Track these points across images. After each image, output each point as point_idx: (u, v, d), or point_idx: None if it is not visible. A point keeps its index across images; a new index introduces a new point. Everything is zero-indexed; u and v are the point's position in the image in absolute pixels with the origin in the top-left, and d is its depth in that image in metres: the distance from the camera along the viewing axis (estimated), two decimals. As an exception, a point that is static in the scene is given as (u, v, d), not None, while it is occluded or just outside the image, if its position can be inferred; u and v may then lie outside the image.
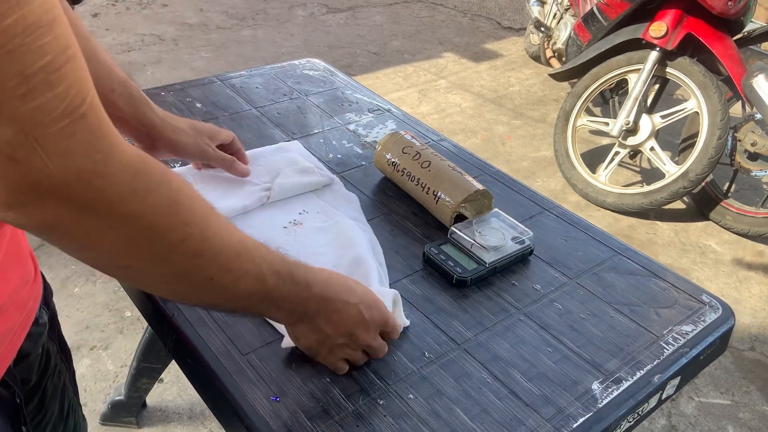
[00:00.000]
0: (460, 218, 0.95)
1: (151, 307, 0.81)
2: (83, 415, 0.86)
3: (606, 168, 2.63)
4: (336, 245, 0.88)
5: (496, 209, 0.97)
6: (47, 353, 0.73)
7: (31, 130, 0.35)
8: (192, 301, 0.58)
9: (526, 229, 0.93)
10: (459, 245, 0.90)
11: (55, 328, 0.77)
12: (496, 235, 0.91)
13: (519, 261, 0.91)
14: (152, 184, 0.43)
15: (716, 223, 2.56)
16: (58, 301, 1.93)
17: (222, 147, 0.97)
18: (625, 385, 0.73)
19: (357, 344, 0.69)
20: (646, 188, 2.51)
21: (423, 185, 0.97)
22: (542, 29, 3.40)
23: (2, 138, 0.35)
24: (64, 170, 0.37)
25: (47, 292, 0.73)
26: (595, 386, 0.72)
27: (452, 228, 0.92)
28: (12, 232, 0.61)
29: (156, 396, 1.66)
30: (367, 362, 0.72)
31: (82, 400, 1.63)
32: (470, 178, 0.97)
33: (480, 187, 0.95)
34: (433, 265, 0.88)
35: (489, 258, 0.87)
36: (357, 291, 0.68)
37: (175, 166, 1.03)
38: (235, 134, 0.99)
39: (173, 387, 1.70)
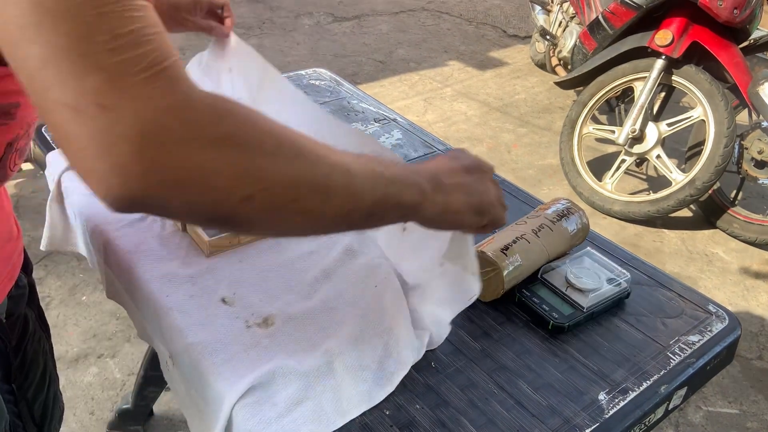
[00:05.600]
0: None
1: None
2: (60, 392, 0.93)
3: (612, 176, 2.63)
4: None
5: (588, 248, 0.92)
6: (25, 318, 0.81)
7: (117, 79, 0.38)
8: (328, 213, 0.50)
9: (622, 270, 0.88)
10: (552, 287, 0.85)
11: (34, 297, 0.85)
12: (591, 277, 0.85)
13: (615, 306, 0.86)
14: (229, 105, 0.44)
15: (723, 231, 2.55)
16: (65, 309, 1.95)
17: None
18: (632, 395, 0.73)
19: (483, 173, 0.65)
20: (653, 196, 2.51)
21: None
22: (548, 37, 3.41)
23: (91, 85, 0.38)
24: (153, 110, 0.39)
25: (28, 262, 0.82)
26: (602, 397, 0.72)
27: (543, 268, 0.87)
28: None
29: (163, 404, 1.66)
30: None
31: (89, 409, 1.64)
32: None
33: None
34: (525, 308, 0.84)
35: (586, 303, 0.82)
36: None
37: None
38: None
39: (180, 395, 1.71)
